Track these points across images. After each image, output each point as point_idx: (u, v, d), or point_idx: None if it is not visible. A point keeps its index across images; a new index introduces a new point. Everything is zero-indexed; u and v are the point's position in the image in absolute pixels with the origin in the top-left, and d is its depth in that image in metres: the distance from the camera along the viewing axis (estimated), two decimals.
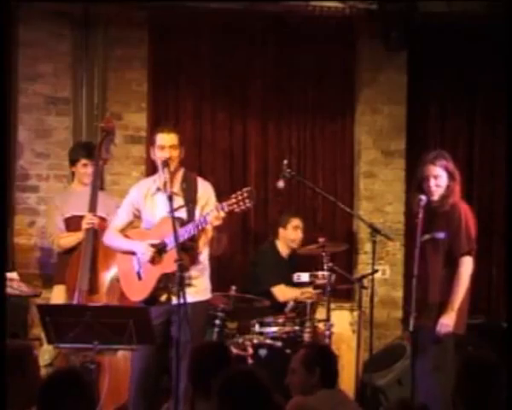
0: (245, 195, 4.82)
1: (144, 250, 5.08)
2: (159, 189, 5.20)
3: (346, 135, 7.67)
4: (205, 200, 5.17)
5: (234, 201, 4.83)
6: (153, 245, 5.06)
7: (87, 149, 6.23)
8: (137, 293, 5.17)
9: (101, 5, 6.94)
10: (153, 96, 7.27)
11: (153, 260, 5.08)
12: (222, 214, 4.83)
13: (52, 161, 6.99)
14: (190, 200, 5.13)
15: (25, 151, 6.96)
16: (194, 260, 5.10)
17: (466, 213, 5.37)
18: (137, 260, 5.17)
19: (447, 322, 5.20)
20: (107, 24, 7.05)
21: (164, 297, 5.10)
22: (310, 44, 7.49)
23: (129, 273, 5.22)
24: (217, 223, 4.87)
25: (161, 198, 5.15)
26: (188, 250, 5.02)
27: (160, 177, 5.16)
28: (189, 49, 7.35)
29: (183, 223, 5.01)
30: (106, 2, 6.93)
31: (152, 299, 5.10)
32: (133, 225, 5.44)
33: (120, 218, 5.38)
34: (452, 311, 5.22)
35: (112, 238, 5.37)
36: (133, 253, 5.20)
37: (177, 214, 4.99)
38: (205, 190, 5.24)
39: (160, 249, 5.05)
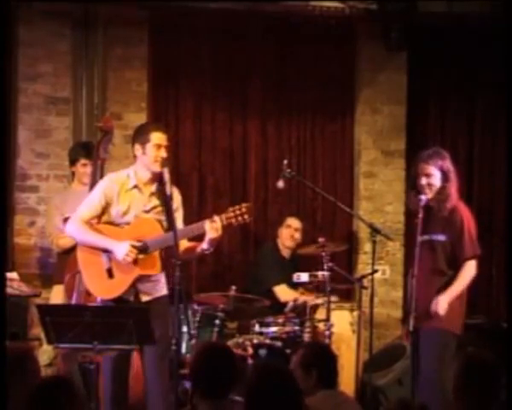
0: (243, 210, 4.80)
1: (127, 251, 4.83)
2: (136, 186, 5.01)
3: (346, 135, 7.67)
4: (176, 204, 5.06)
5: (232, 215, 4.81)
6: (135, 247, 4.85)
7: (86, 149, 6.23)
8: (107, 291, 4.96)
9: (101, 5, 6.95)
10: (153, 96, 7.27)
11: (133, 261, 4.88)
12: (219, 226, 4.78)
13: (52, 161, 6.98)
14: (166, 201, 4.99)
15: (25, 151, 6.96)
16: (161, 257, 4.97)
17: (467, 216, 5.32)
18: (107, 256, 4.94)
19: (442, 300, 5.14)
20: (107, 24, 7.05)
21: (133, 297, 4.94)
22: (310, 44, 7.49)
23: (96, 269, 4.97)
24: (213, 235, 4.80)
25: (137, 195, 5.01)
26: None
27: (137, 173, 5.02)
28: (189, 49, 7.35)
29: (159, 222, 4.93)
30: (106, 2, 6.94)
31: (119, 298, 4.92)
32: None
33: (88, 209, 5.04)
34: (449, 295, 5.16)
35: (81, 231, 4.99)
36: (105, 250, 4.95)
37: (154, 216, 4.96)
38: (176, 193, 5.13)
39: (140, 250, 4.88)
